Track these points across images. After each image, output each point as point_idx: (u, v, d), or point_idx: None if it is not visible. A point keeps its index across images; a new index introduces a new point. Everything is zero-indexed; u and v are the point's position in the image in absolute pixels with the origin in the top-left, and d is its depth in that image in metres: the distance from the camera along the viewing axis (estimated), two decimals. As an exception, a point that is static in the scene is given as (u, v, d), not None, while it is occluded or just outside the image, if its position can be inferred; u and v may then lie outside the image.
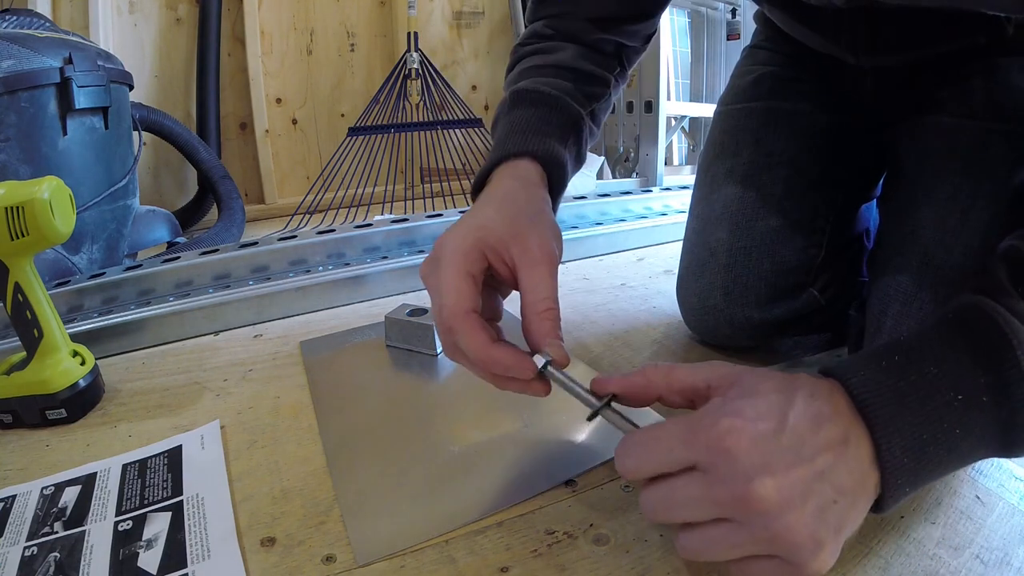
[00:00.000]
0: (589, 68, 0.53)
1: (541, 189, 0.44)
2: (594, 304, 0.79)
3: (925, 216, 0.50)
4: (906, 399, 0.28)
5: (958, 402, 0.28)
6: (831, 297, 0.59)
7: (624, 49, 0.57)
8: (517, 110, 0.49)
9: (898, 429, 0.28)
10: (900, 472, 0.28)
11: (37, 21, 1.05)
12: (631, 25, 0.56)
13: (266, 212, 1.69)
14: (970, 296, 0.32)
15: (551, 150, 0.46)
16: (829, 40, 0.56)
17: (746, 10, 1.89)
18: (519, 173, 0.44)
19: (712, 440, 0.28)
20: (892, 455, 0.28)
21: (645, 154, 1.48)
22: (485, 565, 0.37)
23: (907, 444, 0.28)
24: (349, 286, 0.84)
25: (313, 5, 1.73)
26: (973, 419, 0.29)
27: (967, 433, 0.29)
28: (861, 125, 0.61)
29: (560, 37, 0.54)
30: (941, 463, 0.29)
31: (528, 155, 0.45)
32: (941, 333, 0.31)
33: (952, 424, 0.28)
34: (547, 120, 0.48)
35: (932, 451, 0.28)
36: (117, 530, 0.40)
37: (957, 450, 0.29)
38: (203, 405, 0.58)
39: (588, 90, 0.53)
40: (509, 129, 0.47)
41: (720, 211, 0.61)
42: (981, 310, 0.30)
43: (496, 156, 0.45)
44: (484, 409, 0.54)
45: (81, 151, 1.00)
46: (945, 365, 0.29)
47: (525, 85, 0.50)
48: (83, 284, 0.76)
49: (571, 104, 0.50)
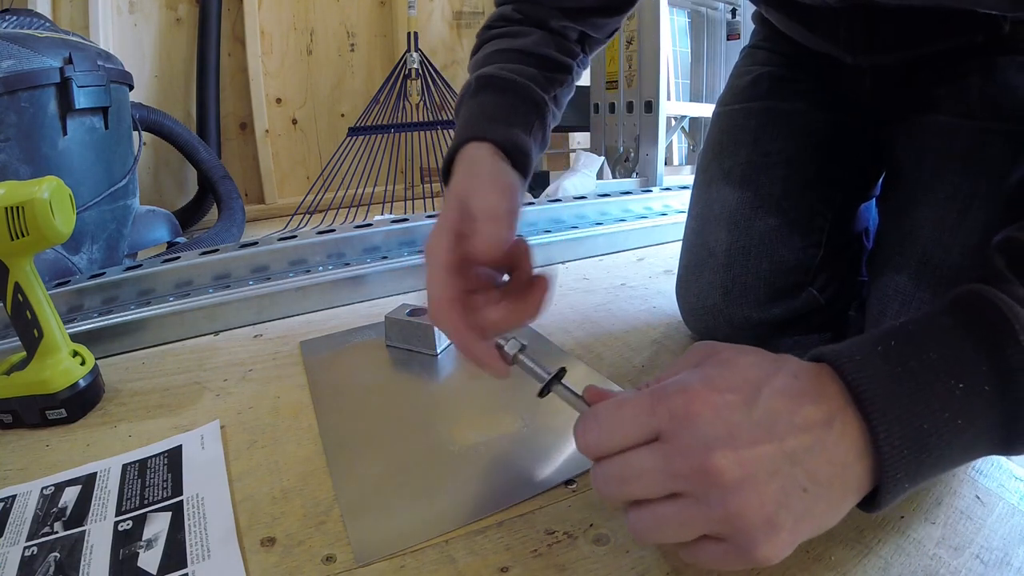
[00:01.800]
0: (554, 55, 0.54)
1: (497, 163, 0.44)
2: (594, 304, 0.79)
3: (923, 215, 0.50)
4: (905, 386, 0.26)
5: (960, 391, 0.26)
6: (830, 296, 0.59)
7: (588, 38, 0.58)
8: (482, 95, 0.49)
9: (897, 417, 0.26)
10: (899, 464, 0.26)
11: (37, 21, 1.05)
12: (599, 18, 0.56)
13: (266, 212, 1.69)
14: (969, 285, 0.30)
15: (512, 137, 0.46)
16: (826, 40, 0.56)
17: (746, 10, 1.89)
18: (477, 155, 0.45)
19: (675, 407, 0.26)
20: (891, 444, 0.26)
21: (645, 154, 1.48)
22: (485, 565, 0.37)
23: (906, 433, 0.26)
24: (349, 286, 0.84)
25: (313, 5, 1.73)
26: (975, 410, 0.27)
27: (969, 424, 0.27)
28: (859, 124, 0.61)
29: (528, 23, 0.55)
30: (942, 457, 0.27)
31: (488, 141, 0.45)
32: (941, 319, 0.29)
33: (954, 414, 0.26)
34: (510, 108, 0.48)
35: (933, 442, 0.26)
36: (117, 530, 0.40)
37: (958, 443, 0.27)
38: (203, 405, 0.58)
39: (552, 76, 0.53)
40: (474, 113, 0.47)
41: (719, 211, 0.61)
42: (982, 296, 0.29)
43: (460, 139, 0.46)
44: (484, 409, 0.54)
45: (81, 151, 1.00)
46: (946, 351, 0.27)
47: (491, 71, 0.50)
48: (83, 284, 0.76)
49: (535, 90, 0.50)
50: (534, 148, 0.49)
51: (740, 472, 0.25)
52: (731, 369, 0.28)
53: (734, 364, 0.28)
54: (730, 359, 0.29)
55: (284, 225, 1.50)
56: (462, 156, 0.45)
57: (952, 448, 0.27)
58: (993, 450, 0.28)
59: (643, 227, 1.08)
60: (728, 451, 0.25)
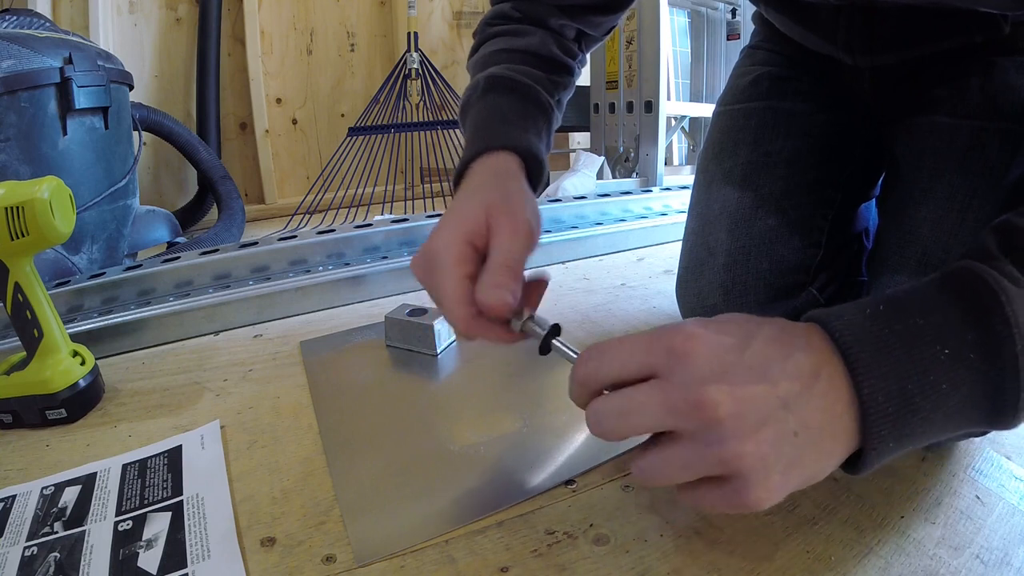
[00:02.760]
0: (558, 56, 0.54)
1: (521, 181, 0.45)
2: (594, 304, 0.79)
3: (923, 215, 0.50)
4: (890, 346, 0.27)
5: (945, 355, 0.27)
6: (830, 296, 0.59)
7: (585, 36, 0.58)
8: (492, 96, 0.49)
9: (882, 374, 0.27)
10: (884, 420, 0.27)
11: (37, 21, 1.05)
12: (597, 16, 0.57)
13: (266, 212, 1.69)
14: (960, 261, 0.31)
15: (531, 146, 0.46)
16: (826, 40, 0.56)
17: (746, 10, 1.90)
18: (499, 166, 0.44)
19: (673, 344, 0.27)
20: (875, 400, 0.27)
21: (645, 154, 1.48)
22: (485, 565, 0.37)
23: (891, 390, 0.27)
24: (349, 286, 0.84)
25: (313, 5, 1.73)
26: (960, 376, 0.27)
27: (954, 390, 0.27)
28: (859, 124, 0.61)
29: (527, 21, 0.55)
30: (927, 421, 0.27)
31: (508, 149, 0.45)
32: (929, 289, 0.30)
33: (938, 378, 0.27)
34: (523, 112, 0.48)
35: (919, 403, 0.27)
36: (117, 530, 0.40)
37: (944, 407, 0.27)
38: (203, 405, 0.58)
39: (556, 79, 0.54)
40: (486, 118, 0.47)
41: (719, 211, 0.61)
42: (970, 270, 0.29)
43: (476, 148, 0.45)
44: (484, 409, 0.54)
45: (81, 151, 1.00)
46: (931, 317, 0.28)
47: (498, 71, 0.50)
48: (83, 284, 0.76)
49: (542, 94, 0.50)
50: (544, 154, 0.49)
51: (733, 408, 0.26)
52: (726, 322, 0.29)
53: (729, 319, 0.30)
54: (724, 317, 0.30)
55: (284, 225, 1.50)
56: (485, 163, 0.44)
57: (937, 412, 0.27)
58: (981, 421, 0.29)
59: (643, 227, 1.08)
60: (723, 385, 0.26)
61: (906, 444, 0.28)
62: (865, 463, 0.28)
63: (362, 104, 1.74)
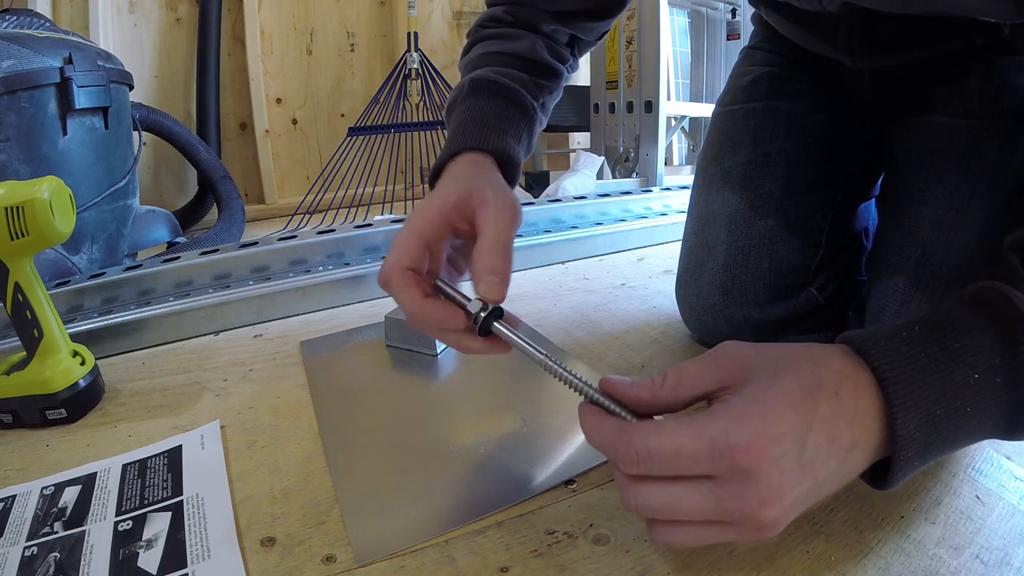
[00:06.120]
0: (546, 60, 0.54)
1: (498, 173, 0.45)
2: (594, 304, 0.79)
3: (922, 215, 0.50)
4: (925, 370, 0.28)
5: (974, 380, 0.28)
6: (830, 296, 0.59)
7: (578, 42, 0.58)
8: (475, 99, 0.49)
9: (915, 403, 0.28)
10: (911, 445, 0.28)
11: (37, 21, 1.05)
12: (589, 22, 0.57)
13: (266, 212, 1.69)
14: (988, 281, 0.32)
15: (507, 148, 0.47)
16: (826, 42, 0.56)
17: (746, 10, 1.90)
18: (476, 160, 0.45)
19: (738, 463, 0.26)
20: (906, 429, 0.27)
21: (645, 154, 1.48)
22: (485, 565, 0.37)
23: (921, 418, 0.28)
24: (349, 286, 0.84)
25: (313, 5, 1.73)
26: (985, 399, 0.28)
27: (977, 412, 0.28)
28: (859, 125, 0.61)
29: (519, 25, 0.55)
30: (948, 440, 0.29)
31: (485, 151, 0.46)
32: (963, 312, 0.30)
33: (964, 402, 0.28)
34: (504, 115, 0.49)
35: (943, 425, 0.28)
36: (117, 530, 0.40)
37: (965, 427, 0.29)
38: (203, 405, 0.58)
39: (541, 82, 0.54)
40: (467, 120, 0.48)
41: (718, 211, 0.61)
42: (999, 292, 0.30)
43: (453, 148, 0.46)
44: (484, 409, 0.54)
45: (81, 151, 1.00)
46: (967, 341, 0.29)
47: (484, 74, 0.51)
48: (83, 284, 0.76)
49: (526, 97, 0.51)
50: (521, 156, 0.50)
51: (781, 516, 0.27)
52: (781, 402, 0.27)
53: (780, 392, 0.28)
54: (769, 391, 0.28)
55: (284, 225, 1.50)
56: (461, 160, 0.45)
57: (959, 431, 0.29)
58: (995, 435, 0.30)
59: (643, 227, 1.08)
60: (777, 504, 0.27)
61: (927, 460, 0.29)
62: (890, 483, 0.29)
63: (362, 104, 1.74)
